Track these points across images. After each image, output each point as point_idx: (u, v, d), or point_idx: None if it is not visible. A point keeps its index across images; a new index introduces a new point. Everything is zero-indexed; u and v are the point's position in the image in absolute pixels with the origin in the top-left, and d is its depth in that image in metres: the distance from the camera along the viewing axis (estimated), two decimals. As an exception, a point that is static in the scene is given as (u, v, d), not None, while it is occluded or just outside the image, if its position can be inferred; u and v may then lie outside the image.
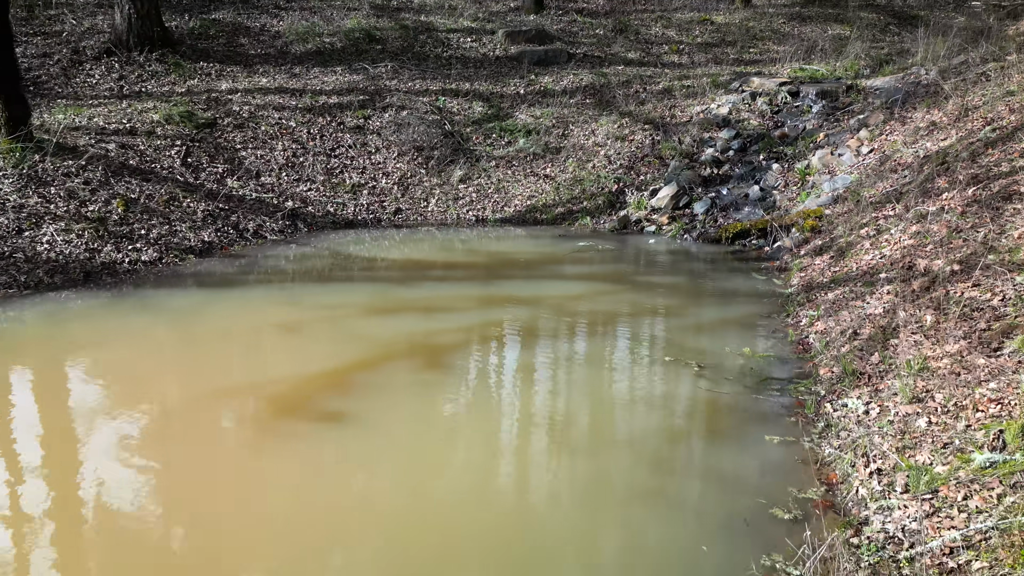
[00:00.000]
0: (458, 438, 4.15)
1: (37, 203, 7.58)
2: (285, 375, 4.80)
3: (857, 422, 3.89)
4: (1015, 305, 4.32)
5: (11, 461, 3.81)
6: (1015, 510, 2.64)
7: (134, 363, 5.08)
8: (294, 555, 3.02)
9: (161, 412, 4.29)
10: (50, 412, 4.35)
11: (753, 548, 3.02)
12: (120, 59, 11.64)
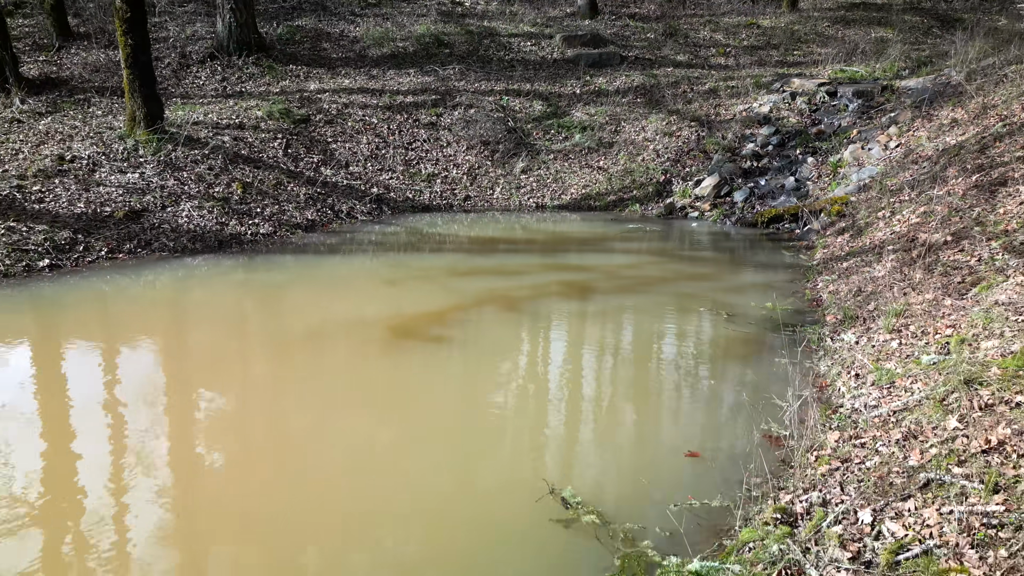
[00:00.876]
0: (529, 355, 5.44)
1: (174, 184, 9.18)
2: (396, 313, 6.18)
3: (848, 349, 5.06)
4: (987, 264, 5.42)
5: (205, 349, 5.26)
6: (943, 384, 3.80)
7: (278, 303, 6.53)
8: (416, 416, 4.36)
9: (310, 335, 5.70)
10: (229, 328, 5.81)
11: (757, 421, 4.24)
12: (222, 63, 13.31)
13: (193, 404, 4.56)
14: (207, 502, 3.51)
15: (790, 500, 3.19)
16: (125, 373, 5.06)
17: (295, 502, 3.47)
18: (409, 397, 4.70)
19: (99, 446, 4.00)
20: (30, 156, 9.41)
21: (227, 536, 3.29)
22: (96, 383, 4.82)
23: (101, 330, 5.96)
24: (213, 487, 3.64)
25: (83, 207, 8.39)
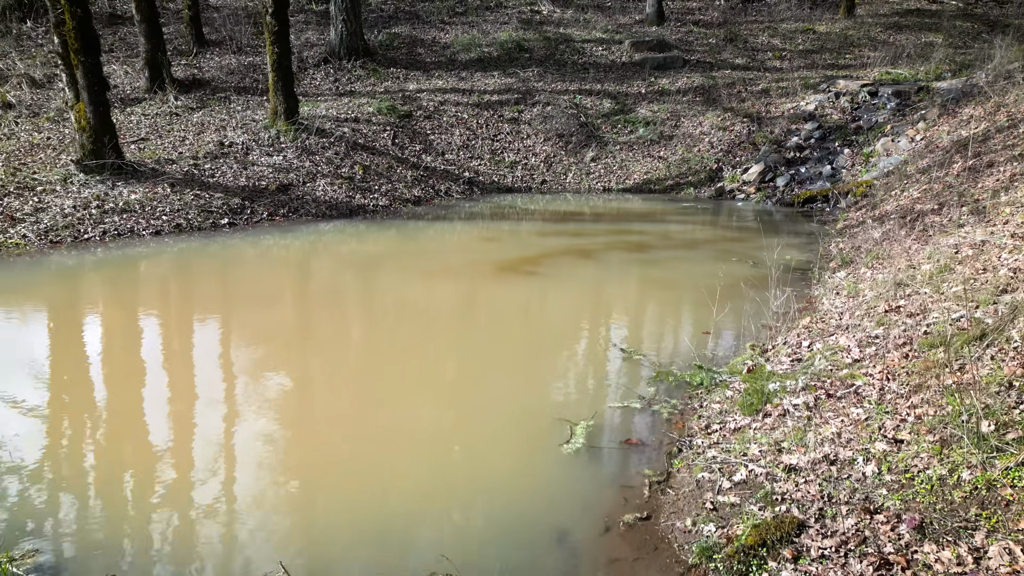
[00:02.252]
0: (597, 281, 7.51)
1: (310, 165, 11.62)
2: (497, 258, 8.35)
3: (838, 280, 6.96)
4: (954, 222, 7.23)
5: (355, 278, 7.52)
6: (894, 290, 5.70)
7: (405, 252, 8.80)
8: (515, 319, 6.50)
9: (435, 270, 7.91)
10: (372, 266, 8.09)
11: (758, 320, 6.20)
12: (334, 66, 15.84)
13: (351, 310, 6.83)
14: (376, 364, 5.73)
15: (764, 345, 5.19)
16: (304, 286, 7.39)
17: (439, 363, 5.65)
18: (511, 307, 6.86)
19: (292, 334, 6.30)
20: (195, 142, 12.01)
21: (361, 398, 5.49)
22: (284, 293, 7.15)
23: (280, 261, 8.34)
24: (379, 353, 5.87)
25: (244, 181, 10.90)
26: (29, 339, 5.80)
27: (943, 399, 3.59)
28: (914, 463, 3.33)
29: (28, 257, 8.12)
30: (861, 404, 3.90)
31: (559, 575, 3.10)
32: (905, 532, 3.01)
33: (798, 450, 3.67)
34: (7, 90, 14.06)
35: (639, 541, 3.32)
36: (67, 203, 9.45)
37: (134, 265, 8.03)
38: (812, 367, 4.44)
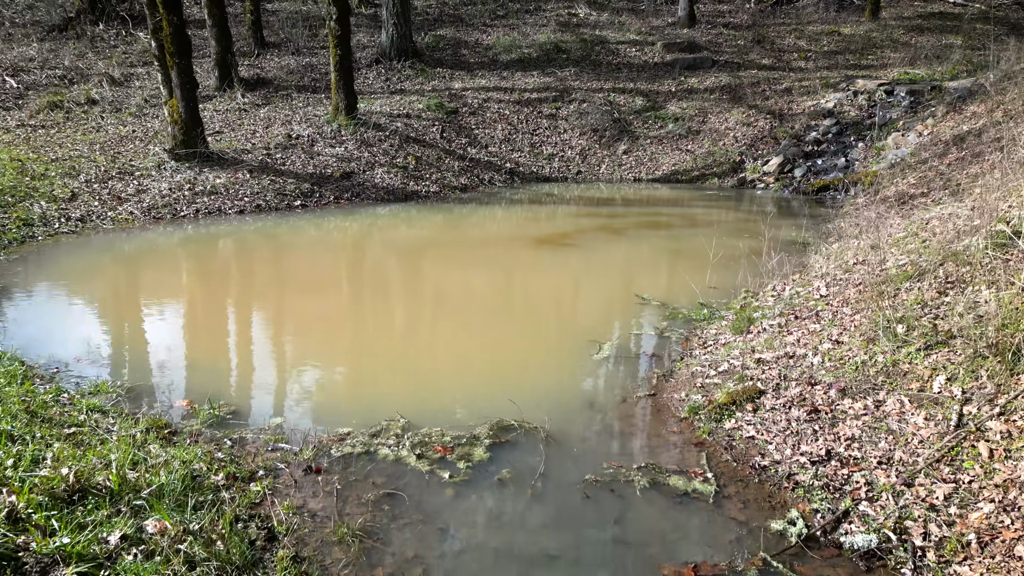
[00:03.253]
0: (626, 249, 8.93)
1: (368, 156, 13.22)
2: (536, 233, 9.82)
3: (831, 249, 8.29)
4: (935, 202, 8.52)
5: (417, 245, 9.04)
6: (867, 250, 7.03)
7: (456, 228, 10.31)
8: (549, 277, 7.96)
9: (482, 242, 9.41)
10: (429, 237, 9.61)
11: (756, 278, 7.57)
12: (385, 66, 17.46)
13: (424, 267, 8.35)
14: (440, 302, 7.24)
15: (755, 291, 6.58)
16: (378, 252, 8.93)
17: (500, 303, 7.14)
18: (551, 268, 8.33)
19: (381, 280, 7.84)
20: (264, 135, 13.69)
21: (442, 310, 6.99)
22: (366, 255, 8.71)
23: (354, 233, 9.91)
24: (453, 295, 7.38)
25: (312, 169, 12.52)
26: (182, 280, 7.43)
27: (876, 315, 4.97)
28: (847, 354, 4.73)
29: (137, 230, 9.80)
30: (818, 321, 5.30)
31: (588, 422, 4.55)
32: (832, 394, 4.42)
33: (768, 351, 5.08)
34: (89, 88, 15.93)
35: (646, 407, 4.76)
36: (163, 186, 11.15)
37: (231, 234, 9.67)
38: (788, 301, 5.83)
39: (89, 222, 9.88)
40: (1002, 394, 3.95)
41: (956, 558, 3.15)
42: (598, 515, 3.58)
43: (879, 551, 3.28)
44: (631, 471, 3.96)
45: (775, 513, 3.59)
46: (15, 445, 3.40)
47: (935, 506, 3.42)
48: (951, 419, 3.92)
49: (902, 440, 3.92)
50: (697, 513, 3.62)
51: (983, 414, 3.87)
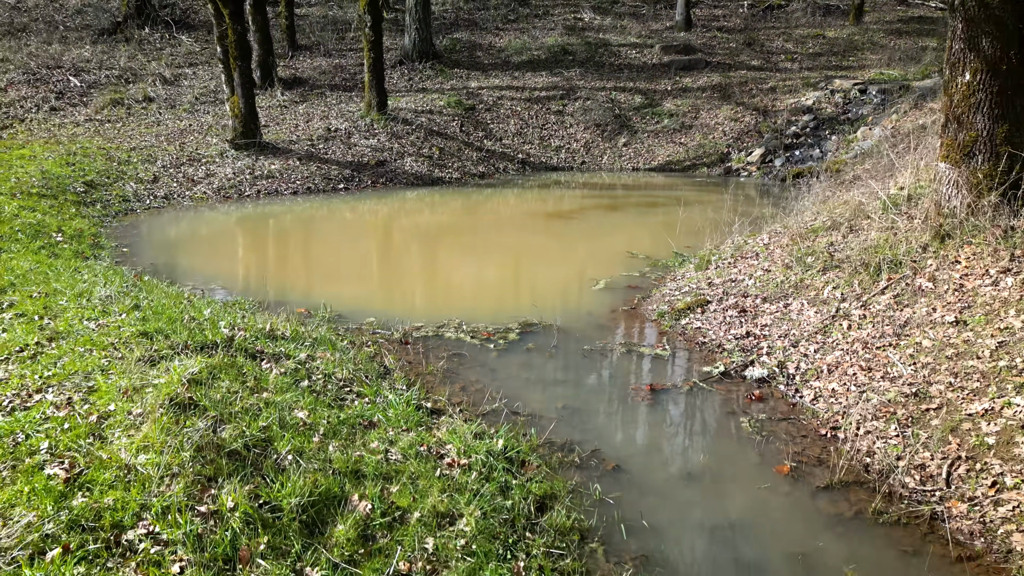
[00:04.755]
0: (620, 223, 10.98)
1: (398, 147, 15.32)
2: (547, 209, 11.91)
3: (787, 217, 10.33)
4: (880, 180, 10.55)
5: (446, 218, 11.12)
6: (807, 213, 9.07)
7: (479, 205, 12.41)
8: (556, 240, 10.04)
9: (503, 215, 11.49)
10: (456, 213, 11.70)
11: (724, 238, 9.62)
12: (407, 67, 19.55)
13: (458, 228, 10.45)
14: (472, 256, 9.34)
15: (718, 245, 8.65)
16: (417, 222, 11.04)
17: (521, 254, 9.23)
18: (559, 232, 10.40)
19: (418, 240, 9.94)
20: (306, 128, 15.80)
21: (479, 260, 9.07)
22: (407, 223, 10.81)
23: (397, 208, 12.02)
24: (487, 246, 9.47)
25: (350, 158, 14.63)
26: (268, 236, 9.54)
27: (795, 252, 7.04)
28: (771, 277, 6.81)
29: (212, 206, 11.91)
30: (756, 259, 7.37)
31: (587, 322, 6.62)
32: (757, 301, 6.49)
33: (718, 278, 7.16)
34: (144, 87, 18.07)
35: (628, 315, 6.84)
36: (228, 171, 13.27)
37: (293, 208, 11.78)
38: (738, 248, 7.91)
39: (172, 199, 12.00)
40: (866, 294, 6.02)
41: (812, 378, 5.23)
42: (591, 364, 5.66)
43: (767, 378, 5.36)
44: (615, 345, 6.05)
45: (706, 363, 5.67)
46: (227, 313, 5.50)
47: (806, 354, 5.50)
48: (832, 311, 6.00)
49: (797, 324, 6.00)
50: (656, 365, 5.70)
51: (851, 307, 5.95)
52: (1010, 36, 6.12)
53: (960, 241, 6.04)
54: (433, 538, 3.16)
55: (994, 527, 3.56)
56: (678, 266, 8.23)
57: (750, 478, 4.16)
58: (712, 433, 4.78)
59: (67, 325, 4.75)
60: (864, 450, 4.33)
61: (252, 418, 3.65)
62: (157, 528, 2.79)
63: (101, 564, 2.58)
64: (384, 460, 3.66)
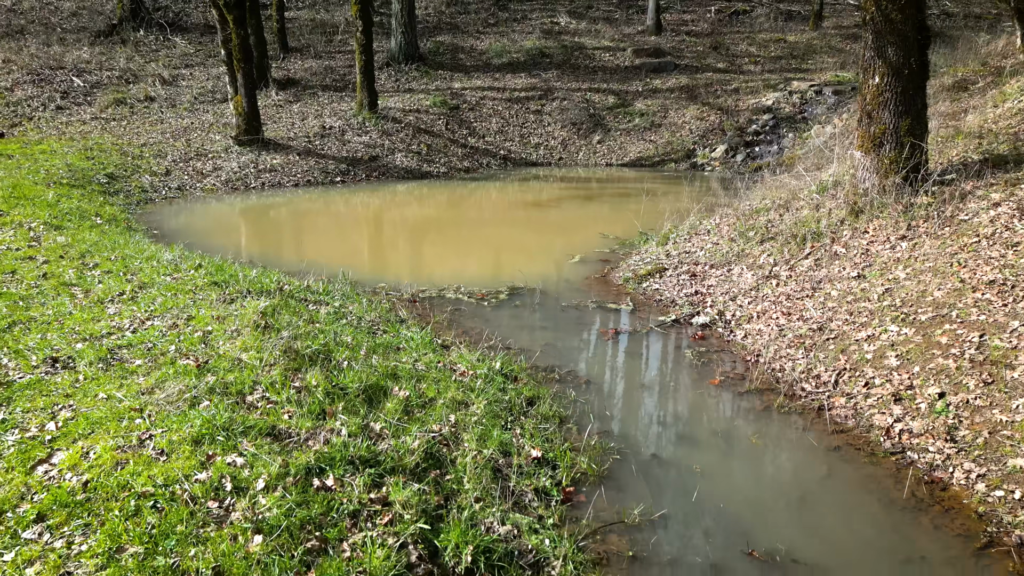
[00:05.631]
0: (594, 210, 12.31)
1: (389, 143, 16.55)
2: (528, 198, 13.21)
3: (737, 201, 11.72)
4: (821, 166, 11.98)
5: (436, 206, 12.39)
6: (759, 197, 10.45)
7: (467, 196, 13.68)
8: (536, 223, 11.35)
9: (488, 203, 12.77)
10: (446, 202, 12.97)
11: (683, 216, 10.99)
12: (394, 69, 20.77)
13: (453, 212, 11.72)
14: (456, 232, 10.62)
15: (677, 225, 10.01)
16: (412, 209, 12.29)
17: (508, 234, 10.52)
18: (540, 217, 11.71)
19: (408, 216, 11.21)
20: (301, 126, 16.97)
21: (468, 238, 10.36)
22: (405, 209, 12.06)
23: (391, 198, 13.25)
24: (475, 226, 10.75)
25: (345, 153, 15.83)
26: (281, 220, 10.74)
27: (739, 227, 8.40)
28: (718, 249, 8.16)
29: (222, 196, 13.07)
30: (708, 235, 8.73)
31: (565, 287, 7.93)
32: (706, 268, 7.85)
33: (675, 251, 8.51)
34: (145, 87, 19.11)
35: (599, 281, 8.16)
36: (234, 165, 14.42)
37: (297, 198, 12.97)
38: (693, 226, 9.27)
39: (185, 190, 13.15)
40: (793, 259, 7.39)
41: (744, 323, 6.58)
42: (567, 316, 6.98)
43: (709, 324, 6.70)
44: (587, 303, 7.37)
45: (661, 314, 7.01)
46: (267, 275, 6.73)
47: (741, 305, 6.86)
48: (765, 273, 7.36)
49: (736, 284, 7.35)
50: (620, 316, 7.02)
51: (780, 269, 7.31)
52: (910, 46, 7.51)
53: (870, 215, 7.44)
54: (454, 415, 4.44)
55: (862, 412, 4.91)
56: (642, 243, 9.57)
57: (689, 387, 5.49)
58: (662, 361, 6.10)
59: (149, 278, 5.97)
60: (777, 368, 5.69)
61: (313, 337, 4.90)
62: (268, 394, 4.04)
63: (237, 411, 3.83)
64: (413, 368, 4.93)
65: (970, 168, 7.66)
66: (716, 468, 4.39)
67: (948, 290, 5.63)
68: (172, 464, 3.35)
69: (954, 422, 4.44)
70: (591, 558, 3.45)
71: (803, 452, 4.57)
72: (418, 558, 3.09)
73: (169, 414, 3.74)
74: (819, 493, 4.17)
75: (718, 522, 3.84)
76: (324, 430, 3.80)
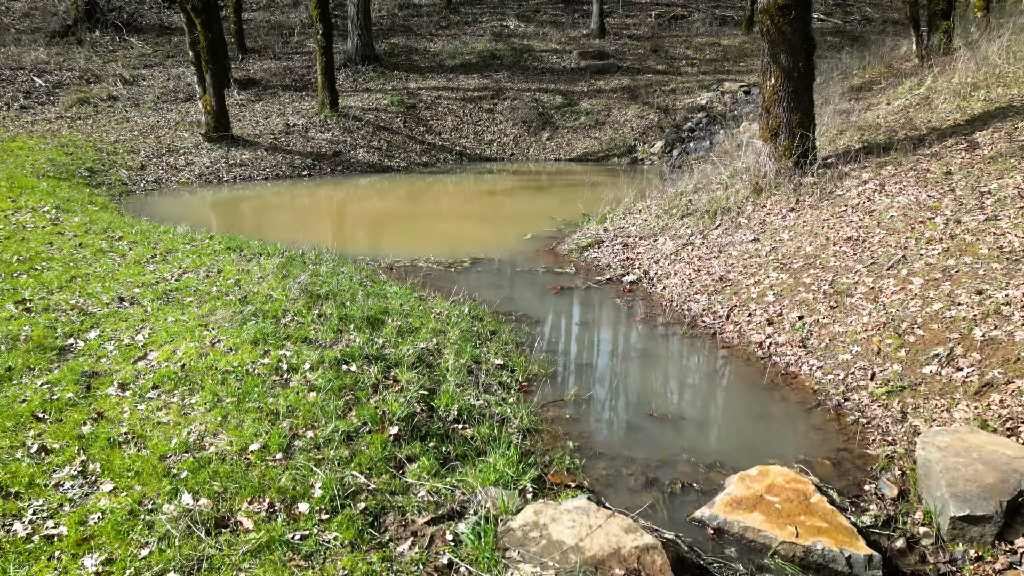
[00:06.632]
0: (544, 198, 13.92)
1: (351, 140, 17.92)
2: (484, 188, 14.76)
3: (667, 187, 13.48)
4: (738, 156, 13.82)
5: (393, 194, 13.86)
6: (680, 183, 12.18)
7: (428, 187, 15.17)
8: (490, 208, 12.92)
9: (449, 192, 14.28)
10: (406, 193, 14.45)
11: (617, 198, 12.67)
12: (351, 70, 22.11)
13: (413, 202, 13.21)
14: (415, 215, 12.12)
15: (615, 207, 11.69)
16: (380, 196, 13.73)
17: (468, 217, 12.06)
18: (495, 204, 13.26)
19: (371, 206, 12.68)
20: (266, 124, 18.23)
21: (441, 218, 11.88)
22: (373, 198, 13.50)
23: (357, 189, 14.65)
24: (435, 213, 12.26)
25: (310, 149, 17.16)
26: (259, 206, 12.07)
27: (664, 207, 10.08)
28: (647, 224, 9.83)
29: (198, 189, 14.30)
30: (640, 214, 10.41)
31: (519, 257, 9.50)
32: (636, 239, 9.50)
33: (611, 227, 10.16)
34: (107, 86, 20.08)
35: (547, 252, 9.76)
36: (205, 160, 15.64)
37: (269, 188, 14.27)
38: (628, 207, 10.95)
39: (161, 183, 14.34)
40: (706, 230, 9.09)
41: (664, 279, 8.24)
42: (521, 278, 8.55)
43: (636, 280, 8.35)
44: (537, 268, 8.95)
45: (598, 275, 8.63)
46: (268, 245, 8.14)
47: (663, 266, 8.52)
48: (683, 241, 9.04)
49: (660, 250, 9.02)
50: (565, 277, 8.63)
51: (696, 238, 9.00)
52: (799, 53, 9.27)
53: (768, 193, 9.19)
54: (436, 338, 5.95)
55: (745, 334, 6.58)
56: (585, 223, 11.20)
57: (616, 323, 7.11)
58: (597, 307, 7.71)
59: (172, 246, 7.35)
60: (685, 309, 7.35)
61: (322, 283, 6.37)
62: (297, 318, 5.51)
63: (277, 327, 5.29)
64: (400, 309, 6.43)
65: (850, 154, 9.50)
66: (632, 369, 6.01)
67: (817, 246, 7.37)
68: (240, 355, 4.79)
69: (806, 335, 6.14)
70: (540, 418, 5.01)
71: (698, 359, 6.22)
72: (420, 410, 4.60)
73: (227, 328, 5.18)
74: (705, 382, 5.81)
75: (631, 398, 5.45)
76: (343, 339, 5.29)
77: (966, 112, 9.70)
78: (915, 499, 4.03)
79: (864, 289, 6.33)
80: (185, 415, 4.17)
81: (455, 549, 3.34)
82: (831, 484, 4.24)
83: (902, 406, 4.89)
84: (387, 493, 3.67)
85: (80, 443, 3.90)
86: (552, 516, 3.54)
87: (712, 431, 5.05)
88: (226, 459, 3.77)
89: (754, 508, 3.85)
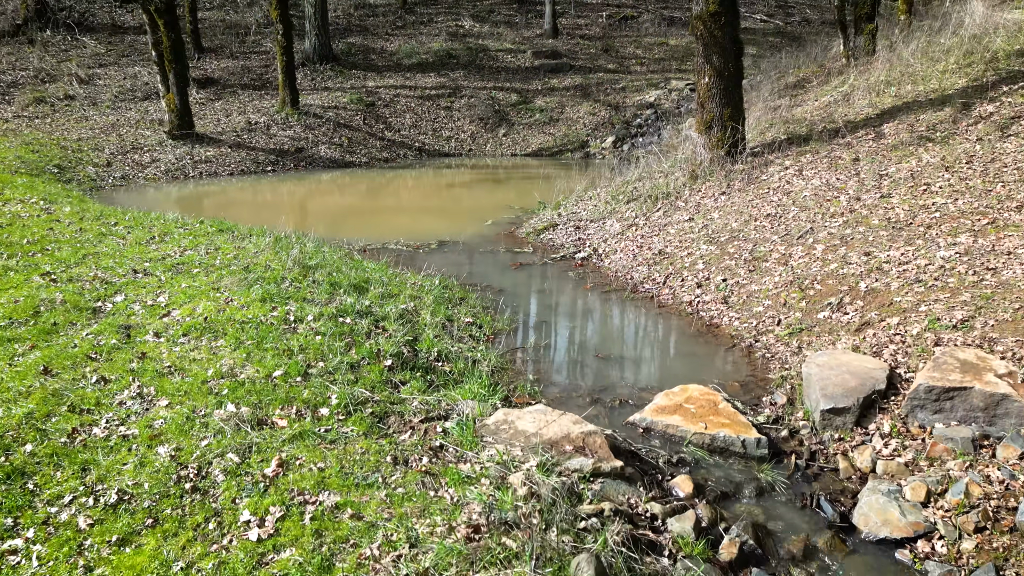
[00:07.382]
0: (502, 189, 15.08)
1: (312, 137, 18.86)
2: (442, 183, 15.87)
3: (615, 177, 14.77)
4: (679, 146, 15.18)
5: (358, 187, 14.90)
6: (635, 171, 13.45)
7: (389, 182, 16.21)
8: (453, 198, 14.04)
9: (410, 186, 15.35)
10: (370, 185, 15.48)
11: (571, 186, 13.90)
12: (310, 69, 23.01)
13: (376, 194, 14.25)
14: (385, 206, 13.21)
15: (569, 195, 12.92)
16: (342, 190, 14.74)
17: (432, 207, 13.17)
18: (456, 195, 14.38)
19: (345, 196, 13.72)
20: (227, 122, 19.07)
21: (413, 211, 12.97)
22: (335, 191, 14.51)
23: (321, 184, 15.62)
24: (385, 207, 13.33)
25: (273, 146, 18.06)
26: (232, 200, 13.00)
27: (611, 193, 11.32)
28: (596, 208, 11.06)
29: (164, 184, 15.12)
30: (590, 201, 11.64)
31: (481, 240, 10.64)
32: (587, 222, 10.73)
33: (565, 213, 11.37)
34: (63, 86, 20.65)
35: (507, 235, 10.93)
36: (171, 157, 16.44)
37: (235, 183, 15.16)
38: (580, 195, 12.18)
39: (129, 179, 15.13)
40: (649, 212, 10.35)
41: (611, 255, 9.46)
42: (484, 257, 9.70)
43: (587, 257, 9.56)
44: (498, 249, 10.11)
45: (552, 254, 9.81)
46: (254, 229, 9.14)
47: (610, 244, 9.75)
48: (628, 223, 10.28)
49: (608, 231, 10.25)
50: (523, 256, 9.79)
51: (639, 220, 10.25)
52: (728, 54, 10.58)
53: (703, 180, 10.49)
54: (414, 302, 7.05)
55: (678, 296, 7.82)
56: (540, 210, 12.39)
57: (568, 291, 8.30)
58: (552, 278, 8.90)
59: (166, 229, 8.31)
60: (629, 278, 8.57)
61: (311, 257, 7.42)
62: (296, 283, 6.56)
63: (281, 286, 6.34)
64: (379, 279, 7.52)
65: (776, 144, 10.86)
66: (582, 325, 7.21)
67: (741, 222, 8.67)
68: (252, 310, 5.85)
69: (728, 293, 7.41)
70: (505, 360, 6.16)
71: (637, 316, 7.45)
72: (407, 351, 5.71)
73: (237, 290, 6.22)
74: (643, 332, 7.04)
75: (581, 345, 6.64)
76: (336, 299, 6.37)
77: (877, 107, 11.14)
78: (800, 404, 5.29)
79: (777, 255, 7.63)
80: (215, 354, 5.21)
81: (444, 437, 4.47)
82: (737, 398, 5.47)
83: (799, 343, 6.17)
84: (388, 403, 4.78)
85: (132, 374, 4.92)
86: (518, 415, 4.69)
87: (646, 366, 6.26)
88: (256, 382, 4.83)
89: (675, 412, 5.05)
